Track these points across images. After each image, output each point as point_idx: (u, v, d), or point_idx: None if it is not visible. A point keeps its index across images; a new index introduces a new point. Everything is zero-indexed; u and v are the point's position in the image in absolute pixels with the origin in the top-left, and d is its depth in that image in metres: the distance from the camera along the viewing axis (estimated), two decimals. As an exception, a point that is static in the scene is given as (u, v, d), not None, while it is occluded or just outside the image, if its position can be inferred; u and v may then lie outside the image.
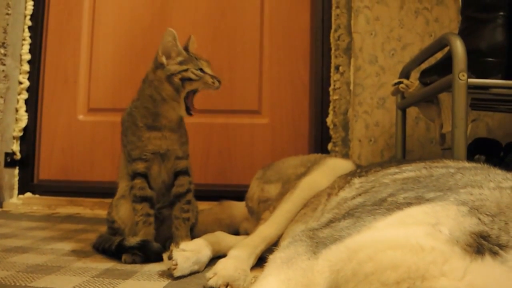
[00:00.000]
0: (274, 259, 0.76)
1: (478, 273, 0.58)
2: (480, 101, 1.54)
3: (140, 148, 1.41)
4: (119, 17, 2.56)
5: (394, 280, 0.61)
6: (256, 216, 1.48)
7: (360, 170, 1.16)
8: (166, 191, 1.47)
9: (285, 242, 0.80)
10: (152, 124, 1.41)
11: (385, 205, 0.74)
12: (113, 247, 1.35)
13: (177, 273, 1.15)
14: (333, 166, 1.33)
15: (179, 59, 1.41)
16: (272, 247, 1.07)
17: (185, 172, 1.46)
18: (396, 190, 0.80)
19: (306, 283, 0.69)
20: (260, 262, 1.17)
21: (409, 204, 0.71)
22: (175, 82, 1.39)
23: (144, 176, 1.42)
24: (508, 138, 1.90)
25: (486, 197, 0.67)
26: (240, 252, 1.18)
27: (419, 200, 0.71)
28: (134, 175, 1.42)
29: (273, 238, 1.23)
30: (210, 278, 1.06)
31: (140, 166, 1.41)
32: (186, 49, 1.44)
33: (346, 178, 1.13)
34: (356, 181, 1.04)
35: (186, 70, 1.39)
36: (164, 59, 1.40)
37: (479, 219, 0.63)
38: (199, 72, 1.39)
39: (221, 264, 1.11)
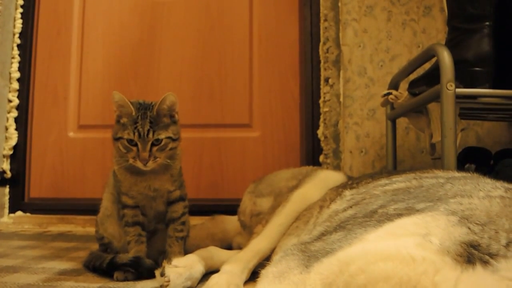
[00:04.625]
0: (266, 274, 0.76)
1: (469, 283, 0.57)
2: (469, 110, 1.55)
3: (127, 187, 1.38)
4: (109, 34, 2.56)
5: (386, 291, 0.60)
6: (248, 230, 1.48)
7: (351, 182, 1.16)
8: (161, 217, 1.45)
9: (277, 257, 0.80)
10: (132, 169, 1.36)
11: (376, 217, 0.74)
12: (104, 265, 1.33)
13: (169, 290, 1.14)
14: (324, 179, 1.33)
15: (123, 120, 1.33)
16: (264, 261, 1.06)
17: (179, 199, 1.43)
18: (387, 201, 0.80)
19: (298, 297, 0.69)
20: (253, 276, 1.16)
21: (399, 215, 0.71)
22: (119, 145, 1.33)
23: (135, 207, 1.40)
24: (498, 146, 1.92)
25: (476, 206, 0.67)
26: (233, 267, 1.17)
27: (409, 211, 0.71)
28: (124, 206, 1.40)
29: (266, 252, 1.22)
30: (203, 294, 1.06)
31: (129, 201, 1.39)
32: (144, 108, 1.31)
33: (337, 190, 1.13)
34: (347, 193, 1.04)
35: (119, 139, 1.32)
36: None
37: (469, 228, 0.63)
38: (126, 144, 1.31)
39: (214, 279, 1.10)
